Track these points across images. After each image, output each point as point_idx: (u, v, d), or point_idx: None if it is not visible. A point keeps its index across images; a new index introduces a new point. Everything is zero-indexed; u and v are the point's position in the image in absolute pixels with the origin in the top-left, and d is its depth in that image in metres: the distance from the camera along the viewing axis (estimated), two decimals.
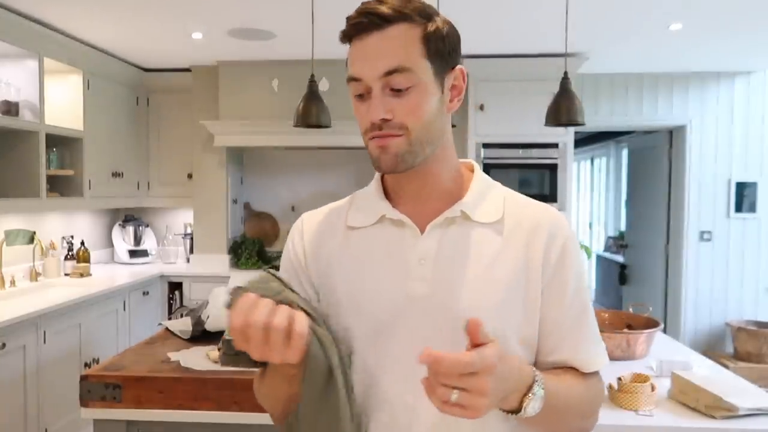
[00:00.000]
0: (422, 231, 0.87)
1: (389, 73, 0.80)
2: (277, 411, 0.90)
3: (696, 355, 2.22)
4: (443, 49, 0.83)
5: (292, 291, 0.83)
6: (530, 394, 0.75)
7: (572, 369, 0.89)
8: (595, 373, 0.92)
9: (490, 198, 0.90)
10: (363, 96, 0.84)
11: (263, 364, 0.83)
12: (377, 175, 0.95)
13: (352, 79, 0.84)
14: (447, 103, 0.86)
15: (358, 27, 0.82)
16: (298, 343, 0.72)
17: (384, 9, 0.80)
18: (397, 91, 0.81)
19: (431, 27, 0.82)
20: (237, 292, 0.75)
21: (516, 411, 0.76)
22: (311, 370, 0.79)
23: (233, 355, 0.81)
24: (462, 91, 0.87)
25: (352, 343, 0.87)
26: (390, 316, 0.85)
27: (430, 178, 0.88)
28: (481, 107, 4.13)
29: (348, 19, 0.84)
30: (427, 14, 0.83)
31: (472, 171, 0.94)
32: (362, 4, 0.83)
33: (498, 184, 0.94)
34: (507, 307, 0.84)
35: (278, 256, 4.60)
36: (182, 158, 4.58)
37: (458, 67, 0.86)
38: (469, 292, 0.84)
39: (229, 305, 0.74)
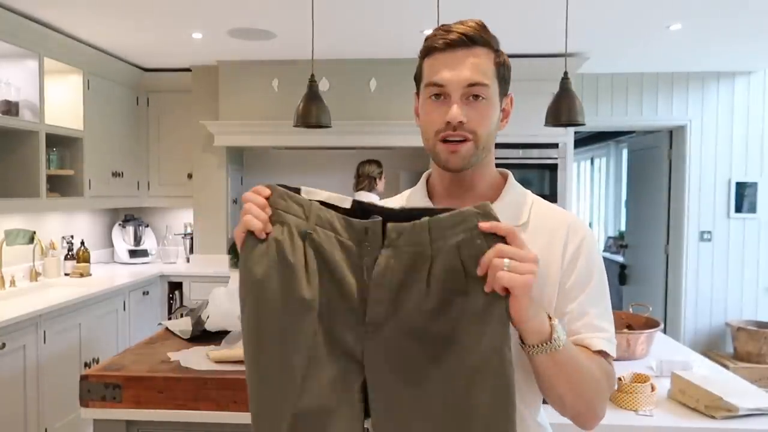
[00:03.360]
0: None
1: (472, 84, 0.95)
2: None
3: (696, 355, 2.22)
4: (506, 76, 1.01)
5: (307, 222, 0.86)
6: (555, 321, 0.86)
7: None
8: (607, 358, 0.97)
9: (517, 204, 1.03)
10: (439, 99, 0.96)
11: None
12: (424, 176, 1.11)
13: (434, 84, 0.96)
14: (499, 121, 1.01)
15: (448, 43, 0.96)
16: (238, 229, 0.86)
17: (473, 32, 0.96)
18: (473, 102, 0.95)
19: (502, 57, 0.99)
20: (276, 187, 0.87)
21: (548, 340, 0.84)
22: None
23: None
24: (509, 115, 1.04)
25: None
26: None
27: (471, 182, 1.02)
28: None
29: (433, 36, 0.98)
30: (498, 45, 1.00)
31: (506, 179, 1.08)
32: (445, 25, 0.98)
33: (528, 192, 1.07)
34: None
35: None
36: (182, 158, 4.59)
37: (510, 94, 1.04)
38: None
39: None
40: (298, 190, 0.87)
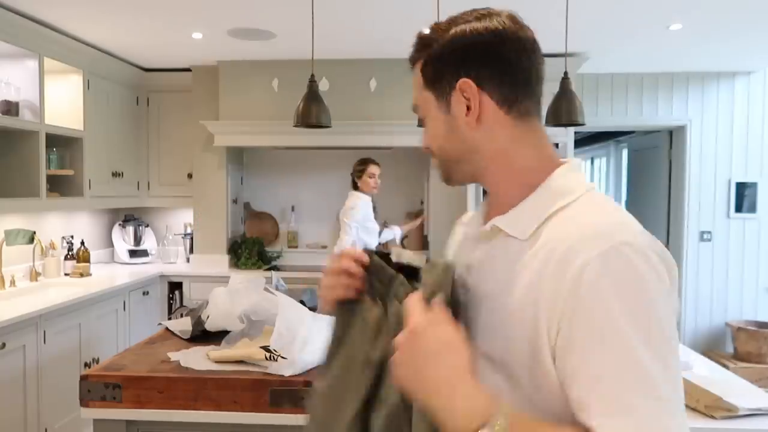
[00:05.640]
0: None
1: (415, 110, 0.91)
2: None
3: (696, 355, 2.22)
4: (437, 73, 0.83)
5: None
6: (486, 427, 0.65)
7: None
8: None
9: (534, 213, 0.79)
10: None
11: None
12: None
13: None
14: (463, 119, 0.82)
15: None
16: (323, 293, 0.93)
17: (412, 50, 0.88)
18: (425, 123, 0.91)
19: (426, 56, 0.84)
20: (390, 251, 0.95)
21: None
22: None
23: None
24: (471, 101, 0.81)
25: None
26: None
27: (492, 191, 0.89)
28: None
29: None
30: (426, 44, 0.85)
31: (544, 181, 0.84)
32: None
33: (567, 196, 0.79)
34: (512, 337, 0.74)
35: (278, 256, 4.61)
36: (182, 158, 4.59)
37: (461, 81, 0.81)
38: (484, 310, 0.80)
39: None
40: (388, 254, 0.93)
